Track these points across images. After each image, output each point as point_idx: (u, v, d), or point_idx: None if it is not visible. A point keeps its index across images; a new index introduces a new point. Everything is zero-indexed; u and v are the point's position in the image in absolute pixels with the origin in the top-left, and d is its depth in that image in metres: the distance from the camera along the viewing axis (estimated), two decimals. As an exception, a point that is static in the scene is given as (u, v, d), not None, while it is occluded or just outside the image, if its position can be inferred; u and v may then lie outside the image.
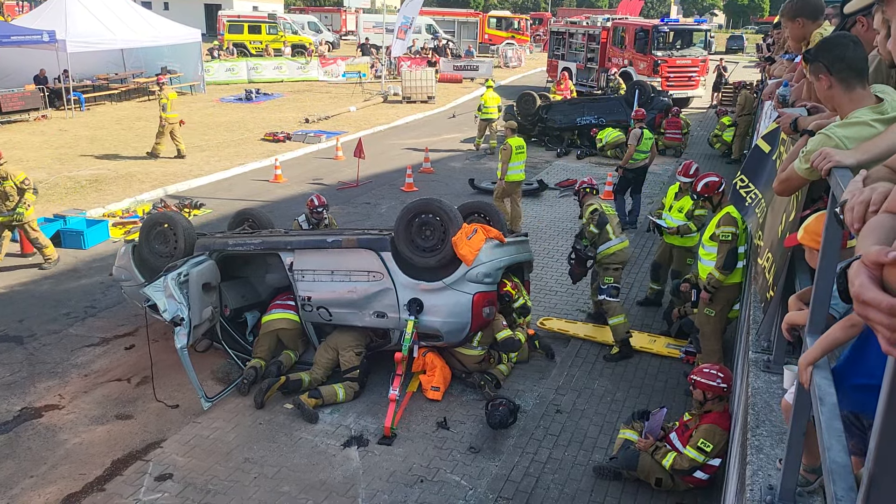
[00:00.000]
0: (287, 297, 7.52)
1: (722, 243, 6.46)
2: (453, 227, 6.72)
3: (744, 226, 6.39)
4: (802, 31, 4.47)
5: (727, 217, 6.52)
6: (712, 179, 7.30)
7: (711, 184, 7.28)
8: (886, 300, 1.10)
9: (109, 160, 16.13)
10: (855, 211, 1.59)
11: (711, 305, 6.62)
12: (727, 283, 6.51)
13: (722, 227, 6.50)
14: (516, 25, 47.91)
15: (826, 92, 2.92)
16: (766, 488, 2.75)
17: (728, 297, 6.64)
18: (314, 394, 6.63)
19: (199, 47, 26.45)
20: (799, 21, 4.48)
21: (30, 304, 8.99)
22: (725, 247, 6.42)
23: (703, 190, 7.30)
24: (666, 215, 8.42)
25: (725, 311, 6.73)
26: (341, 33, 50.97)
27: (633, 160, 11.61)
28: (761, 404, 3.45)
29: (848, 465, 1.61)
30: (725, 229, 6.45)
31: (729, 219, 6.48)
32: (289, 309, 7.41)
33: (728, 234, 6.41)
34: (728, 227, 6.44)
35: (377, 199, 13.81)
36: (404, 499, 5.48)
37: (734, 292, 6.64)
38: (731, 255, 6.41)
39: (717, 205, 7.20)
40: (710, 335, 6.70)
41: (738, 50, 51.30)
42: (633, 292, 9.26)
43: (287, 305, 7.45)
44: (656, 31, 23.79)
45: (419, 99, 25.72)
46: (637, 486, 5.53)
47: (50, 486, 5.64)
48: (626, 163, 11.65)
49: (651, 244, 10.87)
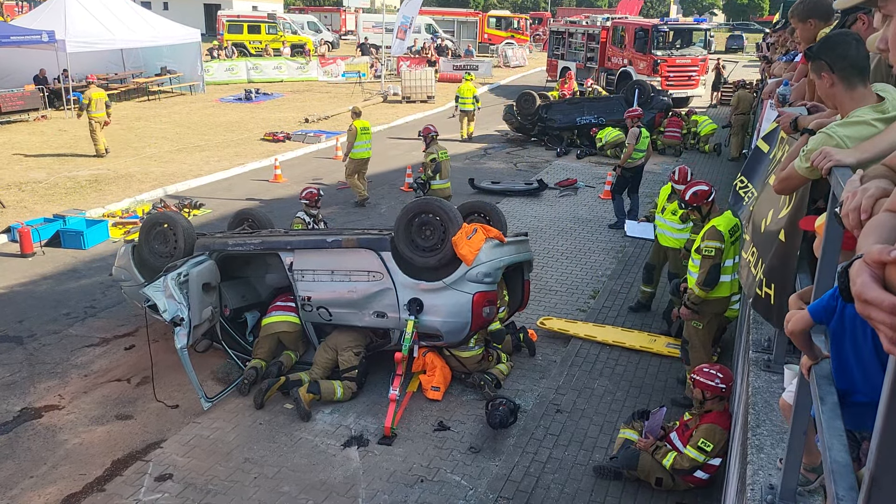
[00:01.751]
0: (287, 299, 7.50)
1: (704, 258, 6.29)
2: (453, 226, 6.71)
3: (732, 238, 6.32)
4: (814, 32, 4.39)
5: (713, 231, 6.34)
6: (701, 188, 7.02)
7: (700, 193, 6.99)
8: (888, 299, 1.09)
9: (109, 160, 16.12)
10: (850, 218, 1.59)
11: (698, 318, 6.50)
12: (712, 296, 6.38)
13: (706, 241, 6.33)
14: (516, 25, 47.90)
15: (828, 90, 2.91)
16: (766, 487, 2.75)
17: (715, 310, 6.49)
18: (313, 388, 6.62)
19: (198, 47, 26.44)
20: (811, 22, 4.39)
21: (30, 304, 8.98)
22: (708, 262, 6.26)
23: (692, 199, 7.02)
24: (659, 217, 8.40)
25: (713, 324, 6.62)
26: (341, 33, 50.95)
27: (630, 159, 11.61)
28: (762, 404, 3.45)
29: (849, 464, 1.61)
30: (709, 244, 6.28)
31: (714, 233, 6.31)
32: (289, 311, 7.39)
33: (711, 250, 6.24)
34: (713, 241, 6.27)
35: (377, 198, 13.80)
36: (405, 499, 5.47)
37: (721, 305, 6.52)
38: (714, 270, 6.25)
39: (706, 215, 6.93)
40: (699, 347, 6.60)
41: (737, 49, 51.28)
42: (632, 294, 9.23)
43: (287, 307, 7.42)
44: (656, 31, 23.78)
45: (419, 99, 25.71)
46: (637, 486, 5.53)
47: (50, 486, 5.64)
48: (625, 162, 11.65)
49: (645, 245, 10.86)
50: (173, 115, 22.31)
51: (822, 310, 2.00)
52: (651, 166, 16.28)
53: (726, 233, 6.29)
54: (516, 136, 19.50)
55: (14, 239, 10.81)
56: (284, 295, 7.58)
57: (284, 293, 7.60)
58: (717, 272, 6.25)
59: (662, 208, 8.33)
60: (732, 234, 6.34)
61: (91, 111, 15.98)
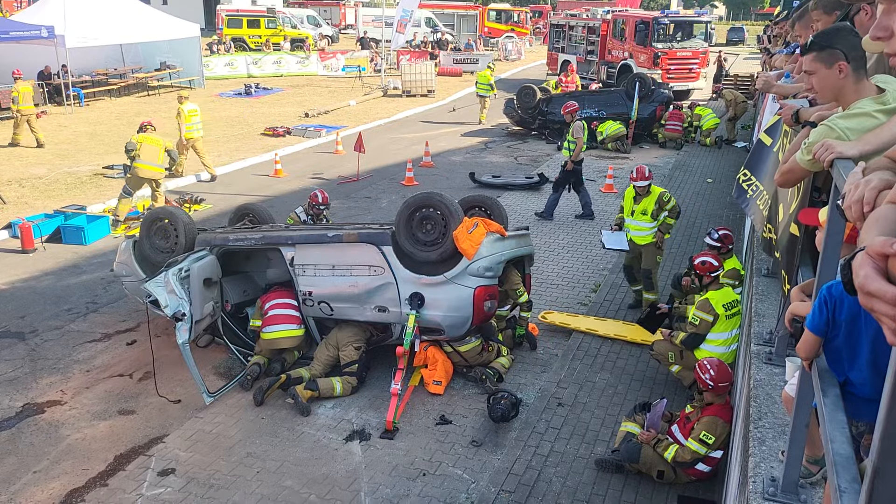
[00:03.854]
0: (283, 305, 7.14)
1: (690, 325, 6.49)
2: (454, 221, 6.71)
3: (728, 312, 6.37)
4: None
5: (705, 303, 6.43)
6: (710, 262, 6.83)
7: (708, 265, 6.82)
8: (891, 291, 1.09)
9: (109, 156, 16.11)
10: (853, 210, 1.59)
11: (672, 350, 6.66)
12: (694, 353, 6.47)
13: (697, 311, 6.46)
14: (516, 18, 47.74)
15: (836, 81, 2.83)
16: (768, 480, 2.76)
17: (689, 364, 6.41)
18: (311, 385, 6.62)
19: (198, 42, 26.37)
20: (837, 14, 4.28)
21: (31, 300, 8.99)
22: (692, 329, 6.44)
23: (699, 267, 6.84)
24: (629, 220, 8.45)
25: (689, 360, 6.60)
26: (340, 27, 50.80)
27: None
28: (763, 396, 3.45)
29: (851, 456, 1.61)
30: (698, 314, 6.42)
31: (706, 305, 6.40)
32: (291, 322, 7.13)
33: (697, 320, 6.40)
34: (701, 313, 6.40)
35: (377, 193, 13.80)
36: (407, 492, 5.49)
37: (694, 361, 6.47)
38: (697, 339, 6.41)
39: (705, 286, 6.83)
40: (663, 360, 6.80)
41: (738, 42, 51.12)
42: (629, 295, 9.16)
43: (288, 318, 7.12)
44: (656, 24, 23.71)
45: (419, 93, 25.66)
46: (639, 479, 5.54)
47: (53, 481, 5.66)
48: (577, 156, 11.70)
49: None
50: (173, 111, 22.16)
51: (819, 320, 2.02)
52: (651, 160, 16.30)
53: (719, 307, 6.37)
54: (517, 130, 19.48)
55: (15, 235, 10.81)
56: (277, 293, 7.30)
57: (277, 292, 7.35)
58: (699, 340, 6.43)
59: (631, 211, 8.42)
60: (729, 308, 6.40)
61: (19, 104, 16.36)
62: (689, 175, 15.17)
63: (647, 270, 8.39)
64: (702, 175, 15.16)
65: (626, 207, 8.50)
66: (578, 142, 11.57)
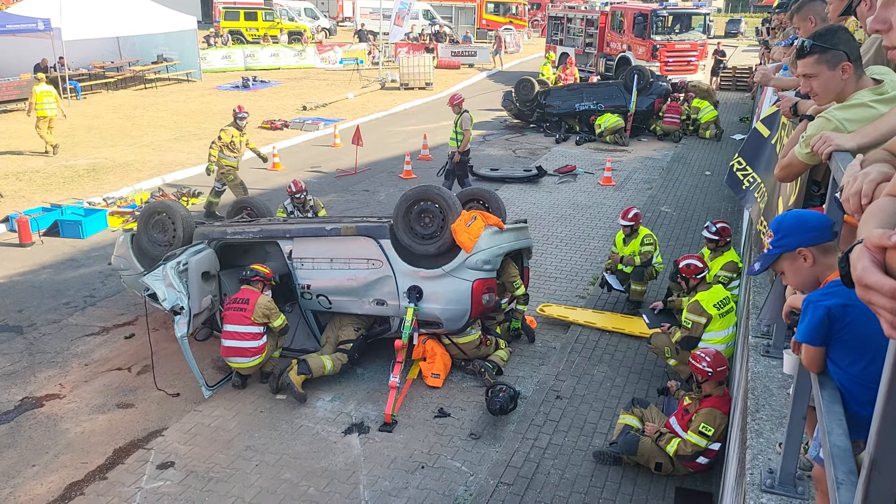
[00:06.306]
0: (234, 335, 6.62)
1: (683, 328, 6.50)
2: (452, 214, 6.70)
3: (721, 311, 6.37)
4: None
5: (696, 305, 6.44)
6: (695, 264, 6.93)
7: (693, 267, 6.92)
8: (889, 283, 1.09)
9: (106, 149, 16.07)
10: (851, 203, 1.59)
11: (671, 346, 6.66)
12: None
13: (688, 314, 6.47)
14: (514, 10, 47.55)
15: (840, 82, 2.80)
16: (766, 472, 2.77)
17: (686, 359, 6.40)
18: (302, 368, 6.59)
19: (195, 35, 26.28)
20: None
21: (29, 293, 8.98)
22: (685, 333, 6.45)
23: (684, 270, 6.94)
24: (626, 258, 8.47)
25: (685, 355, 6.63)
26: (338, 20, 50.63)
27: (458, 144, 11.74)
28: (761, 388, 3.46)
29: (849, 448, 1.62)
30: (690, 317, 6.42)
31: (697, 307, 6.41)
32: (248, 355, 6.66)
33: (689, 322, 6.41)
34: (693, 315, 6.40)
35: (376, 186, 13.78)
36: (405, 485, 5.50)
37: None
38: (690, 341, 6.41)
39: (693, 288, 6.89)
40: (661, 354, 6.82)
41: (735, 34, 50.98)
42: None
43: (244, 350, 6.62)
44: (655, 16, 23.63)
45: (417, 85, 25.59)
46: (637, 471, 5.56)
47: (52, 474, 5.67)
48: (465, 147, 11.77)
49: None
50: (170, 104, 22.21)
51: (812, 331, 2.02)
52: (650, 152, 16.30)
53: (710, 308, 6.38)
54: (515, 123, 19.44)
55: (12, 228, 10.79)
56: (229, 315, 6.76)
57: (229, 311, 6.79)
58: (694, 342, 6.42)
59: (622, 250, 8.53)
60: (721, 306, 6.42)
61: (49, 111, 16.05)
62: (688, 168, 15.17)
63: (639, 270, 8.40)
64: (700, 168, 15.15)
65: (619, 250, 8.57)
66: (466, 133, 11.68)
